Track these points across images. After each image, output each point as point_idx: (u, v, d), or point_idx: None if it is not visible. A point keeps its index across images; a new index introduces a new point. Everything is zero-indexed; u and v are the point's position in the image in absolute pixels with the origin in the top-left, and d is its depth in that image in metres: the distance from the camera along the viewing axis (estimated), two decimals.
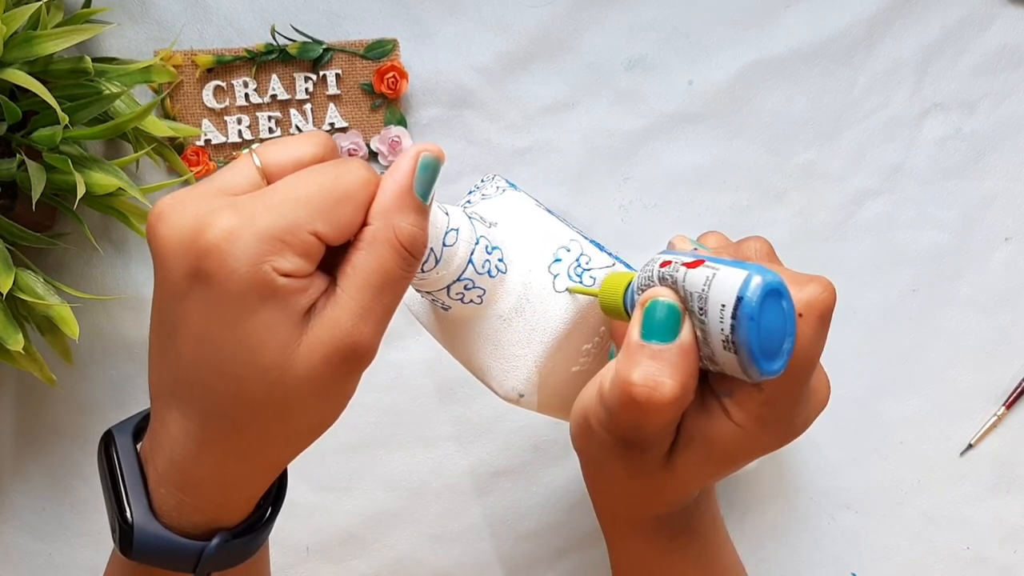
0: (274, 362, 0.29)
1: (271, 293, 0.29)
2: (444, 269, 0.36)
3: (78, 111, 0.50)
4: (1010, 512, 0.59)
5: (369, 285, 0.30)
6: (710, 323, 0.29)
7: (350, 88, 0.59)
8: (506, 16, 0.60)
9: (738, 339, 0.29)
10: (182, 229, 0.29)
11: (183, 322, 0.30)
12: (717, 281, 0.29)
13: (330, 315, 0.30)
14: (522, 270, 0.39)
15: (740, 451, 0.33)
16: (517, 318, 0.38)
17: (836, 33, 0.60)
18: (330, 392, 0.31)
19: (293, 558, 0.59)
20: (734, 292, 0.28)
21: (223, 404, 0.30)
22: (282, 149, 0.31)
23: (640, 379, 0.30)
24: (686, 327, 0.30)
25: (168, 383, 0.31)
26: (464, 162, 0.60)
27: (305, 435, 0.33)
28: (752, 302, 0.28)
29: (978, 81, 0.60)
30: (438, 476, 0.60)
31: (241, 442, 0.31)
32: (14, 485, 0.60)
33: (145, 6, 0.59)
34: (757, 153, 0.60)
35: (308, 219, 0.29)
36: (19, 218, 0.53)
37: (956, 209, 0.60)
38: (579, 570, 0.59)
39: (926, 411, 0.60)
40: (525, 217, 0.41)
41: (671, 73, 0.60)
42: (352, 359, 0.31)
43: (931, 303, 0.60)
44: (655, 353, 0.30)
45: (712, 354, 0.30)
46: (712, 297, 0.29)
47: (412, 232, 0.31)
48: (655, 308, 0.31)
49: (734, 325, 0.28)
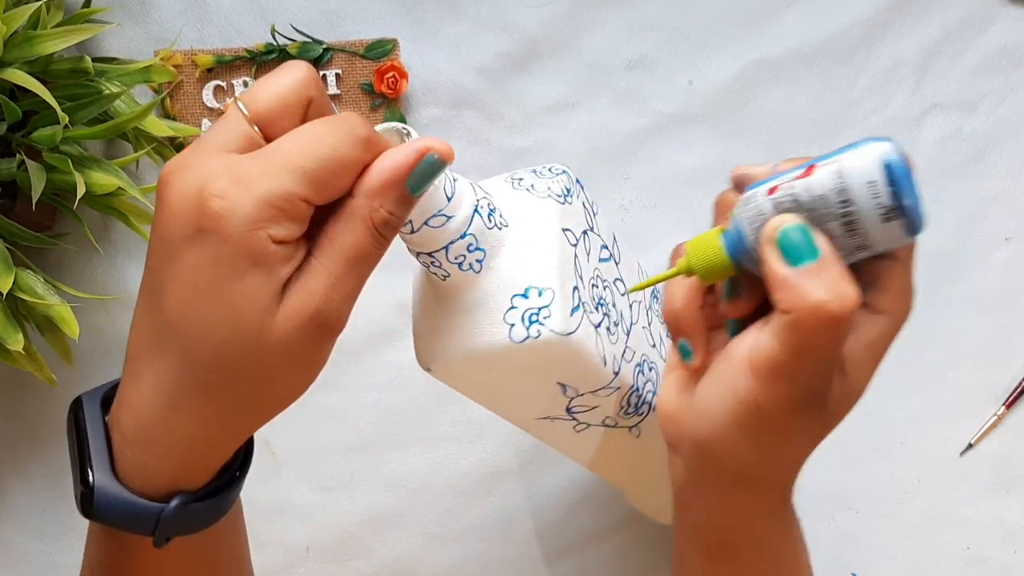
0: (254, 326, 0.30)
1: (262, 259, 0.30)
2: (452, 214, 0.36)
3: (78, 111, 0.50)
4: (1010, 512, 0.59)
5: (343, 258, 0.31)
6: (861, 207, 0.30)
7: (350, 88, 0.59)
8: (506, 16, 0.60)
9: (904, 200, 0.29)
10: (186, 192, 0.30)
11: (174, 281, 0.31)
12: (850, 167, 0.30)
13: (304, 285, 0.31)
14: (498, 281, 0.39)
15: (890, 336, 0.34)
16: (474, 312, 0.38)
17: (836, 33, 0.60)
18: (303, 360, 0.32)
19: (293, 558, 0.59)
20: (877, 164, 0.30)
21: (200, 364, 0.31)
22: (265, 92, 0.32)
23: (827, 295, 0.30)
24: (820, 238, 0.31)
25: (148, 340, 0.32)
26: (464, 162, 0.60)
27: (276, 402, 0.33)
28: (901, 163, 0.29)
29: (978, 81, 0.60)
30: (438, 476, 0.60)
31: (212, 404, 0.32)
32: (14, 485, 0.60)
33: (145, 6, 0.59)
34: (757, 153, 0.60)
35: (303, 187, 0.30)
36: (19, 218, 0.53)
37: (956, 209, 0.60)
38: (579, 570, 0.59)
39: (926, 411, 0.60)
40: (535, 237, 0.39)
41: (671, 73, 0.60)
42: (325, 327, 0.32)
43: (931, 303, 0.60)
44: (816, 270, 0.30)
45: (866, 238, 0.31)
46: (855, 183, 0.30)
47: (388, 219, 0.32)
48: (789, 233, 0.31)
49: (894, 191, 0.29)
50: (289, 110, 0.32)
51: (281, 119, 0.32)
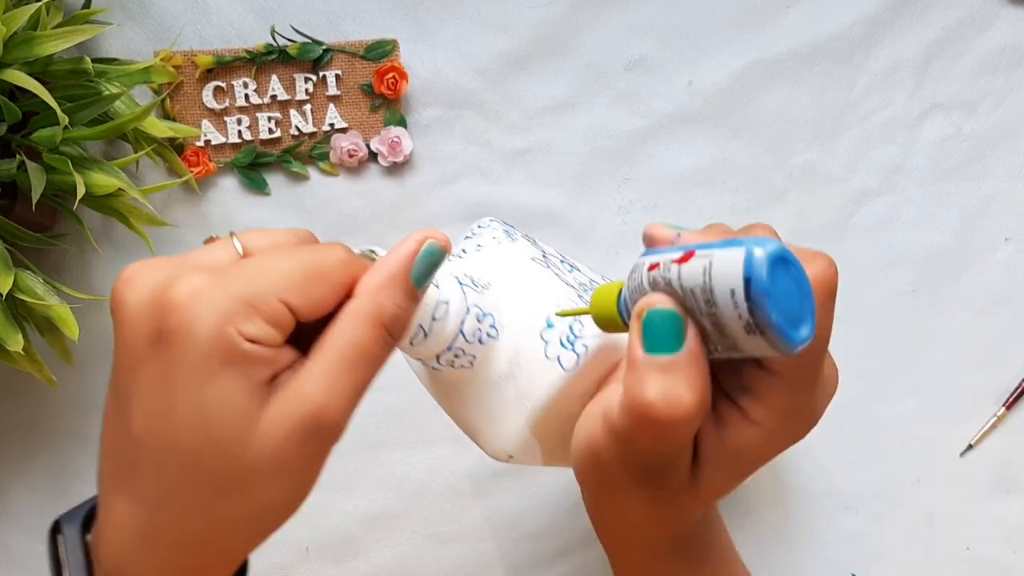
0: (232, 435, 0.27)
1: (234, 358, 0.27)
2: (432, 341, 0.36)
3: (78, 111, 0.50)
4: (1010, 512, 0.59)
5: (343, 357, 0.29)
6: (723, 313, 0.27)
7: (350, 89, 0.59)
8: (506, 16, 0.60)
9: (760, 320, 0.26)
10: (148, 288, 0.27)
11: (138, 393, 0.28)
12: (716, 268, 0.27)
13: (296, 387, 0.28)
14: (514, 334, 0.38)
15: (764, 451, 0.31)
16: (507, 383, 0.38)
17: (836, 33, 0.60)
18: (293, 471, 0.28)
19: (293, 558, 0.59)
20: (739, 274, 0.26)
21: (173, 484, 0.28)
22: (264, 237, 0.30)
23: (656, 396, 0.28)
24: (690, 331, 0.28)
25: (115, 465, 0.29)
26: (464, 162, 0.60)
27: (265, 521, 0.30)
28: (762, 278, 0.26)
29: (978, 81, 0.60)
30: (438, 476, 0.60)
31: (191, 529, 0.28)
32: (14, 485, 0.60)
33: (145, 6, 0.59)
34: (757, 153, 0.60)
35: (280, 288, 0.28)
36: (19, 218, 0.53)
37: (956, 209, 0.60)
38: (579, 570, 0.59)
39: (926, 411, 0.60)
40: (520, 276, 0.39)
41: (671, 73, 0.60)
42: (318, 435, 0.28)
43: (931, 303, 0.60)
44: (665, 366, 0.28)
45: (735, 343, 0.28)
46: (717, 286, 0.27)
47: (396, 313, 0.30)
48: (654, 318, 0.29)
49: (751, 308, 0.26)
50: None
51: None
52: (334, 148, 0.59)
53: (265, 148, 0.59)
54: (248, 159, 0.59)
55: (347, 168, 0.60)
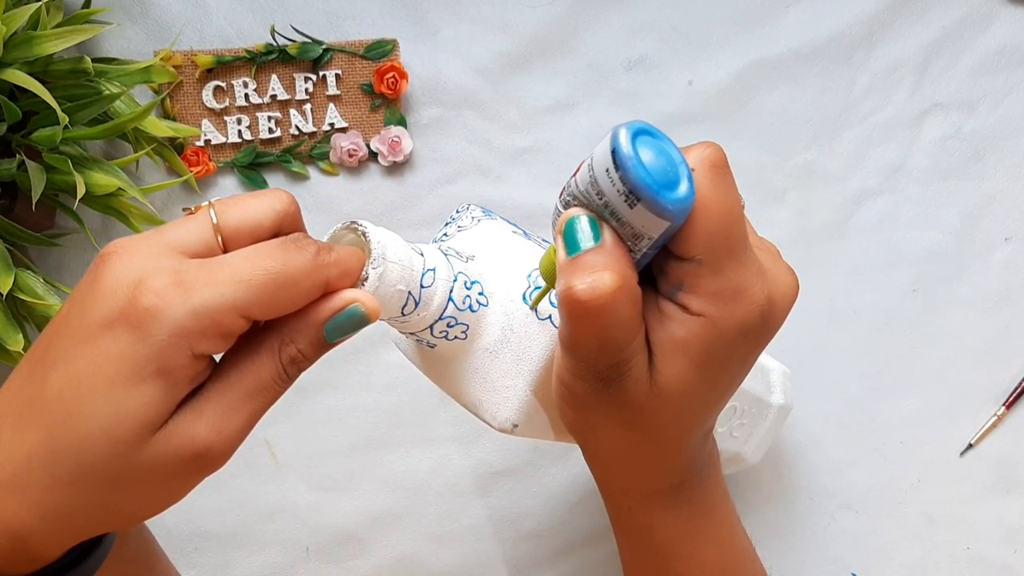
0: (129, 437, 0.29)
1: (170, 371, 0.29)
2: (424, 310, 0.36)
3: (78, 111, 0.50)
4: (1010, 512, 0.59)
5: (241, 387, 0.30)
6: (610, 197, 0.29)
7: (350, 88, 0.59)
8: (506, 16, 0.60)
9: (630, 184, 0.28)
10: (122, 279, 0.29)
11: (73, 360, 0.29)
12: (595, 159, 0.29)
13: (195, 409, 0.30)
14: (503, 301, 0.39)
15: (717, 345, 0.32)
16: (503, 349, 0.38)
17: (836, 33, 0.60)
18: (167, 486, 0.30)
19: (293, 558, 0.59)
20: (608, 151, 0.28)
21: (54, 454, 0.29)
22: (242, 210, 0.31)
23: (582, 288, 0.30)
24: (605, 229, 0.30)
25: (15, 407, 0.30)
26: (464, 162, 0.60)
27: (123, 518, 0.31)
28: (623, 146, 0.28)
29: (978, 81, 0.60)
30: (438, 476, 0.60)
31: (51, 499, 0.29)
32: None
33: (145, 6, 0.59)
34: (757, 153, 0.60)
35: (244, 303, 0.29)
36: (19, 218, 0.53)
37: (956, 209, 0.60)
38: (579, 570, 0.59)
39: (926, 411, 0.60)
40: (502, 246, 0.40)
41: (671, 73, 0.60)
42: (201, 460, 0.30)
43: (931, 303, 0.60)
44: (585, 262, 0.30)
45: (633, 229, 0.30)
46: (598, 174, 0.29)
47: (295, 356, 0.31)
48: (568, 226, 0.30)
49: (621, 176, 0.28)
50: (258, 233, 0.32)
51: (247, 240, 0.31)
52: (334, 148, 0.59)
53: (265, 148, 0.59)
54: (248, 159, 0.59)
55: (347, 168, 0.60)
